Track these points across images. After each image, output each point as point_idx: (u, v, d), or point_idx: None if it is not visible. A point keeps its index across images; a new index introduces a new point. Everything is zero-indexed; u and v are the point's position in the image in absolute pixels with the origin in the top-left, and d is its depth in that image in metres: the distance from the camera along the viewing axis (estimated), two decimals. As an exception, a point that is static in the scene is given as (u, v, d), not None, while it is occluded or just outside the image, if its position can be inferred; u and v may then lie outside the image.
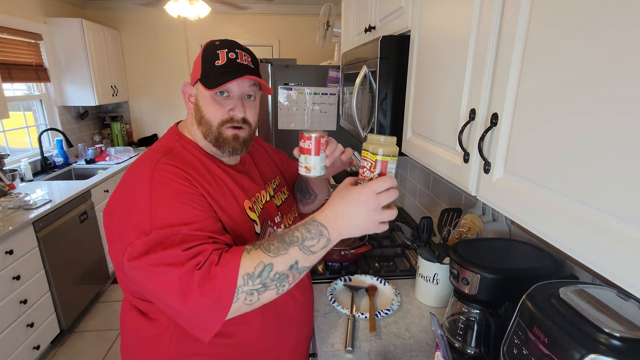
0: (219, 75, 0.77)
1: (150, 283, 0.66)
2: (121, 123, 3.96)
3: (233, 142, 0.81)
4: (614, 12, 0.41)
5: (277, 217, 0.92)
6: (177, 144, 0.82)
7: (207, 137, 0.81)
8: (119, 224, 0.71)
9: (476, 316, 0.92)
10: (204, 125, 0.80)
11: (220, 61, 0.78)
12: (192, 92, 0.83)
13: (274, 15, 3.93)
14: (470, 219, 1.22)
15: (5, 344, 1.84)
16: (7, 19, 2.69)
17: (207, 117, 0.80)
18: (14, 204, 2.10)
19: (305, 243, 0.65)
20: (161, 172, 0.72)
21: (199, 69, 0.79)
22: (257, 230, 0.82)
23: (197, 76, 0.80)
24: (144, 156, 0.79)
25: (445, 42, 0.83)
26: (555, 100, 0.50)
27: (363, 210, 0.65)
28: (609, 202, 0.42)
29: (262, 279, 0.64)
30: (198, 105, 0.81)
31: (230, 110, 0.80)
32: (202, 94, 0.80)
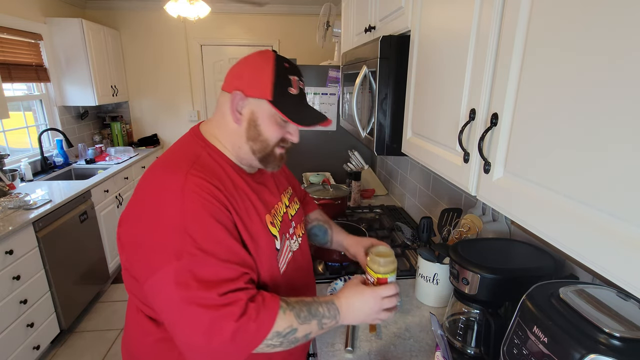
0: (299, 109, 0.78)
1: (176, 313, 0.65)
2: (121, 123, 3.95)
3: (279, 160, 0.83)
4: (614, 11, 0.41)
5: (292, 228, 0.92)
6: (203, 152, 0.78)
7: (258, 153, 0.80)
8: (147, 237, 0.68)
9: (476, 316, 0.92)
10: (259, 142, 0.79)
11: (293, 89, 0.77)
12: (243, 104, 0.77)
13: (274, 15, 3.94)
14: (470, 219, 1.22)
15: (5, 344, 1.84)
16: (7, 19, 2.69)
17: (265, 135, 0.78)
18: (14, 204, 2.10)
19: (323, 320, 0.75)
20: (193, 188, 0.69)
21: (268, 89, 0.75)
22: (278, 246, 0.82)
23: (263, 94, 0.75)
24: (169, 162, 0.75)
25: (446, 42, 0.83)
26: (555, 100, 0.50)
27: (368, 309, 0.79)
28: (609, 202, 0.42)
29: (284, 339, 0.70)
30: (255, 122, 0.77)
31: (287, 134, 0.81)
32: (264, 112, 0.77)
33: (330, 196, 1.80)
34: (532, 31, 0.55)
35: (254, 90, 0.76)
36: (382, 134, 1.16)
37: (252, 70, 0.77)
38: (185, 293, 0.64)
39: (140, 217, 0.70)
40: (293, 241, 0.91)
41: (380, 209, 2.02)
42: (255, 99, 0.76)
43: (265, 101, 0.76)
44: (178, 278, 0.64)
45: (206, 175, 0.72)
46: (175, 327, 0.67)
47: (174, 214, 0.67)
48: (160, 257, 0.65)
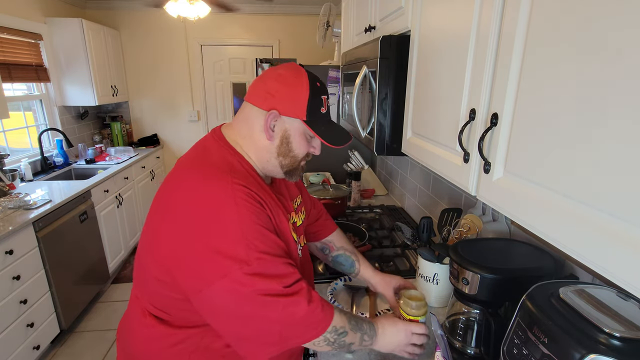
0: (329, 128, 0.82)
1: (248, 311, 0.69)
2: (121, 123, 3.95)
3: (301, 171, 0.87)
4: (614, 11, 0.41)
5: (299, 237, 0.93)
6: (234, 160, 0.80)
7: (284, 167, 0.83)
8: (202, 249, 0.69)
9: (476, 316, 0.92)
10: (289, 158, 0.82)
11: (324, 109, 0.81)
12: (275, 122, 0.79)
13: (274, 15, 3.94)
14: (470, 219, 1.22)
15: (5, 344, 1.84)
16: (7, 19, 2.69)
17: (296, 152, 0.82)
18: (14, 204, 2.10)
19: (364, 336, 0.82)
20: (243, 197, 0.72)
21: (303, 110, 0.77)
22: (299, 252, 0.87)
23: (299, 115, 0.78)
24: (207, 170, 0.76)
25: (446, 42, 0.83)
26: (555, 99, 0.50)
27: (398, 340, 0.85)
28: (609, 202, 0.42)
29: (338, 337, 0.77)
30: (288, 140, 0.80)
31: (311, 148, 0.85)
32: (297, 130, 0.80)
33: (330, 196, 1.80)
34: (532, 31, 0.55)
35: (289, 110, 0.78)
36: (382, 134, 1.16)
37: (288, 89, 0.78)
38: (256, 289, 0.68)
39: (193, 228, 0.70)
40: (299, 249, 0.93)
41: (380, 209, 2.02)
42: (290, 118, 0.79)
43: (299, 120, 0.79)
44: (245, 280, 0.68)
45: (247, 183, 0.75)
46: (245, 325, 0.70)
47: (233, 224, 0.69)
48: (226, 264, 0.68)
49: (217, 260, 0.68)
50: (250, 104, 0.81)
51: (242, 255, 0.68)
